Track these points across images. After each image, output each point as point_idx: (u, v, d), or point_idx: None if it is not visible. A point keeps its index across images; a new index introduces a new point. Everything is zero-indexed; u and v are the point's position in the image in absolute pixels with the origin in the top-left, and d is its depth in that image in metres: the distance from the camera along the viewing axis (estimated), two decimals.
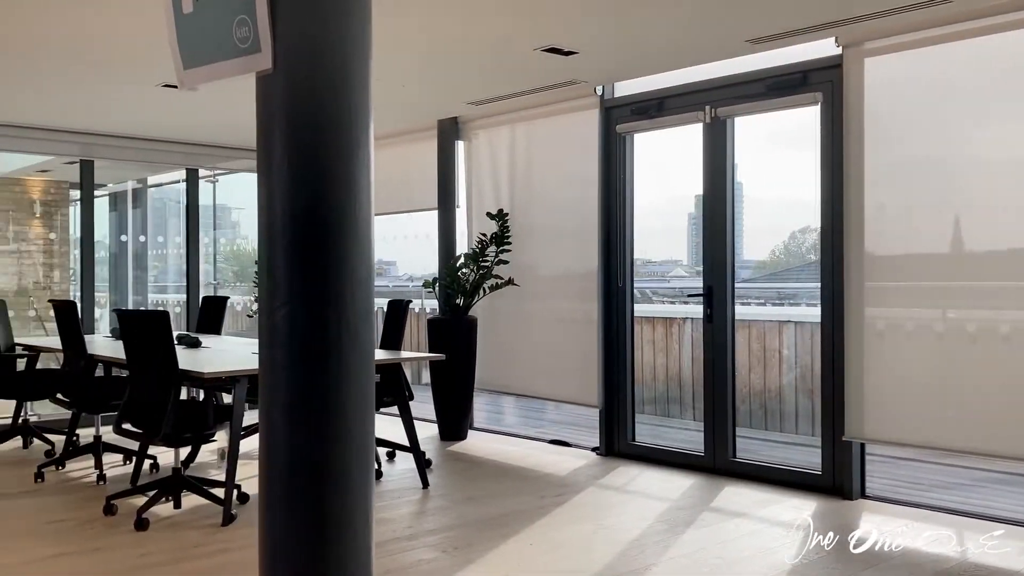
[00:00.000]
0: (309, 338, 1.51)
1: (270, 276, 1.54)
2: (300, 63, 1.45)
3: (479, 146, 7.04)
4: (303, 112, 1.49)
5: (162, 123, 7.03)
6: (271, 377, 1.55)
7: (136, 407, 4.58)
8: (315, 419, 1.51)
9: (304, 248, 1.50)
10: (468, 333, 6.71)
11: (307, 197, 1.50)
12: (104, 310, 11.19)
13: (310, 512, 1.49)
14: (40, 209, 10.68)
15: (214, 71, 1.55)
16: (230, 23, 1.44)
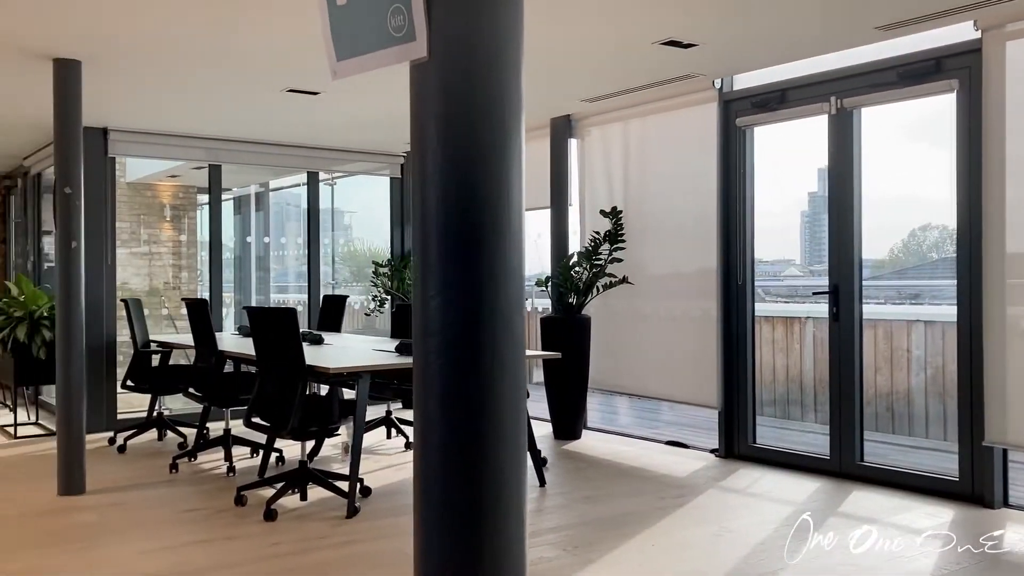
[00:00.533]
0: (462, 327, 1.51)
1: (423, 265, 1.55)
2: (455, 51, 1.45)
3: (592, 143, 7.00)
4: (457, 100, 1.49)
5: (285, 128, 7.26)
6: (425, 366, 1.56)
7: (265, 402, 4.73)
8: (469, 408, 1.51)
9: (457, 236, 1.51)
10: (581, 332, 6.67)
11: (461, 185, 1.51)
12: (230, 309, 11.66)
13: (464, 504, 1.49)
14: (170, 213, 11.23)
15: (367, 61, 1.58)
16: (384, 12, 1.46)
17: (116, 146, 7.16)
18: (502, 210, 1.51)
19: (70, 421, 5.03)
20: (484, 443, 1.51)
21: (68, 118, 5.06)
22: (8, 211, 10.17)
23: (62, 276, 5.03)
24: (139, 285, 10.57)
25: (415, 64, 1.49)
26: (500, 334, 1.52)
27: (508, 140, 1.53)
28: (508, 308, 1.53)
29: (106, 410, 7.08)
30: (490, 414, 1.52)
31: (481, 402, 1.52)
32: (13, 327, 6.75)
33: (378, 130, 7.48)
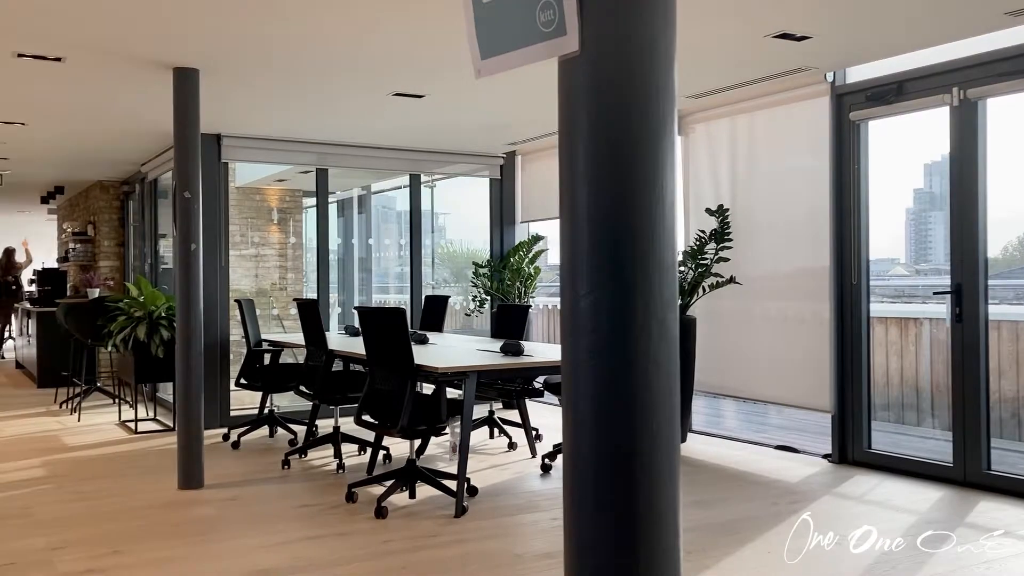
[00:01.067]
0: (615, 327, 1.48)
1: (572, 264, 1.52)
2: (607, 44, 1.42)
3: (697, 140, 6.87)
4: (609, 94, 1.46)
5: (389, 132, 7.37)
6: (575, 366, 1.54)
7: (375, 400, 4.80)
8: (622, 409, 1.47)
9: (609, 234, 1.47)
10: (686, 333, 6.55)
11: (613, 181, 1.47)
12: (334, 309, 11.93)
13: (618, 507, 1.46)
14: (276, 216, 11.56)
15: (514, 58, 1.56)
16: (533, 8, 1.44)
17: (229, 151, 7.40)
18: (656, 207, 1.47)
19: (189, 419, 5.21)
20: (638, 446, 1.47)
21: (187, 125, 5.25)
22: (126, 216, 10.65)
23: (181, 278, 5.22)
24: (247, 286, 10.91)
25: (564, 59, 1.46)
26: (654, 334, 1.48)
27: (662, 134, 1.48)
28: (662, 307, 1.49)
29: (220, 407, 7.33)
30: (645, 417, 1.48)
31: (635, 405, 1.48)
32: (134, 327, 7.05)
33: (478, 132, 7.53)
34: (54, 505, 4.84)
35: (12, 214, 14.82)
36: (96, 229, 10.78)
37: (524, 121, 7.11)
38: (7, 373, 11.86)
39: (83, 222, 11.24)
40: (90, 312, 7.88)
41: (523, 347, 5.11)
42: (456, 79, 5.56)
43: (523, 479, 5.47)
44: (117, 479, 5.51)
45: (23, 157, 8.68)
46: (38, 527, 4.41)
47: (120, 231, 10.80)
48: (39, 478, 5.55)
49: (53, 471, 5.73)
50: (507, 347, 5.16)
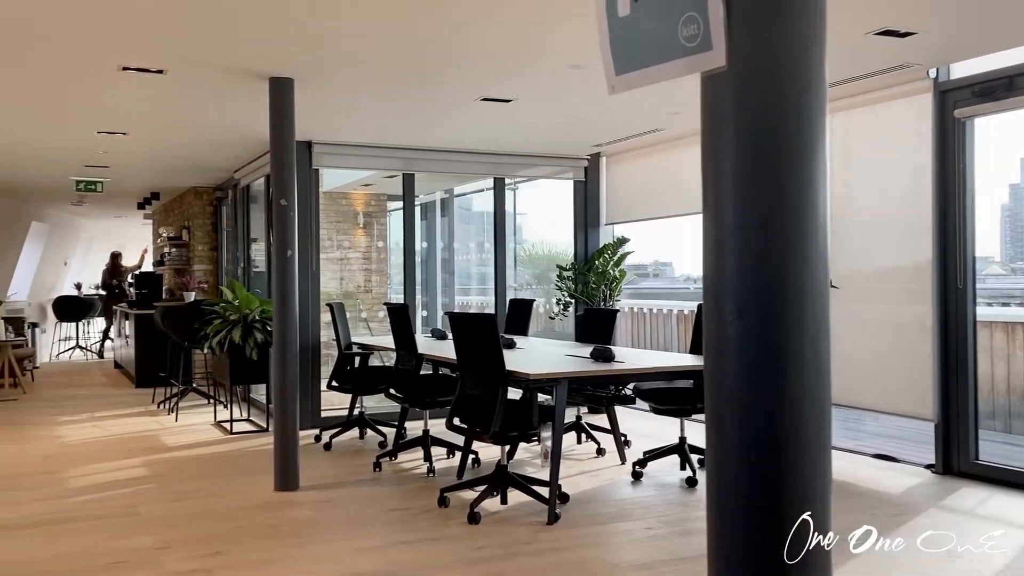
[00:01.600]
0: (764, 350, 1.43)
1: (717, 283, 1.48)
2: (755, 57, 1.37)
3: None
4: (758, 110, 1.41)
5: (474, 136, 7.40)
6: (720, 389, 1.49)
7: (466, 405, 4.81)
8: (769, 435, 1.43)
9: (759, 254, 1.43)
10: None
11: (763, 199, 1.43)
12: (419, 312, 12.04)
13: (765, 546, 1.41)
14: (362, 220, 11.74)
15: (652, 73, 1.52)
16: (675, 22, 1.40)
17: (320, 158, 7.54)
18: (808, 224, 1.42)
19: (285, 422, 5.31)
20: (785, 470, 1.42)
21: (282, 134, 5.36)
22: (219, 220, 10.95)
23: (278, 284, 5.32)
24: (334, 289, 11.11)
25: (708, 75, 1.42)
26: (807, 357, 1.43)
27: (814, 149, 1.43)
28: (814, 329, 1.44)
29: (311, 408, 7.46)
30: (795, 450, 1.43)
31: (785, 436, 1.43)
32: (229, 330, 7.24)
33: (564, 134, 7.49)
34: (157, 504, 5.00)
35: (109, 219, 15.42)
36: (190, 234, 11.12)
37: (611, 123, 7.05)
38: (106, 373, 12.34)
39: (178, 227, 11.62)
40: (187, 315, 8.12)
41: (613, 353, 5.06)
42: (545, 83, 5.54)
43: (614, 486, 5.41)
44: (215, 479, 5.66)
45: (123, 165, 9.01)
46: (143, 526, 4.56)
47: (213, 235, 11.11)
48: (142, 477, 5.74)
49: (155, 471, 5.92)
50: (597, 352, 5.11)
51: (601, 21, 1.53)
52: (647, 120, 6.95)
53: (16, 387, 10.28)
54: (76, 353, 15.24)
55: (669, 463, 5.70)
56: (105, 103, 6.00)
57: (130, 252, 18.47)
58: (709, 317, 1.50)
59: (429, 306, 12.05)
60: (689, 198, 7.83)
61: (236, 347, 7.22)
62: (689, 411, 5.44)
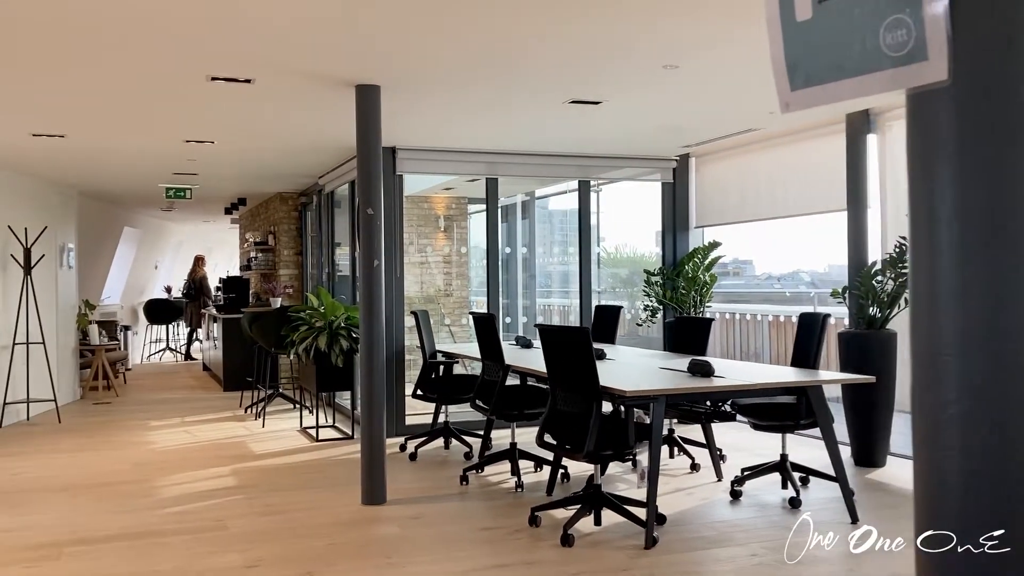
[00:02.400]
0: (985, 391, 1.22)
1: (929, 317, 1.28)
2: (979, 67, 1.15)
3: (896, 139, 6.32)
4: (979, 126, 1.20)
5: (559, 139, 7.22)
6: (934, 435, 1.28)
7: (557, 421, 4.63)
8: (996, 475, 1.22)
9: (982, 285, 1.22)
10: (885, 349, 6.03)
11: (984, 227, 1.22)
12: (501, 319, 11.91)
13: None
14: (443, 223, 11.67)
15: (843, 89, 1.31)
16: (876, 26, 1.19)
17: (403, 164, 7.45)
18: None
19: (372, 435, 5.22)
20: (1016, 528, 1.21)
21: (368, 142, 5.26)
22: (304, 226, 11.02)
23: (364, 294, 5.23)
24: (415, 293, 11.08)
25: (918, 91, 1.21)
26: None
27: None
28: None
29: (396, 416, 7.39)
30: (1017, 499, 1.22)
31: (1009, 482, 1.21)
32: (315, 337, 7.21)
33: (652, 136, 7.25)
34: (246, 519, 4.95)
35: (197, 223, 15.74)
36: (276, 239, 11.22)
37: (701, 124, 6.78)
38: (195, 375, 12.57)
39: (264, 232, 11.74)
40: (274, 321, 8.15)
41: (713, 367, 4.81)
42: (636, 85, 5.32)
43: (712, 506, 5.16)
44: (303, 491, 5.61)
45: (210, 172, 9.11)
46: (233, 542, 4.51)
47: (298, 241, 11.19)
48: (231, 488, 5.72)
49: (243, 480, 5.91)
50: (695, 367, 4.87)
51: (773, 26, 1.31)
52: (741, 120, 6.66)
53: (109, 390, 10.53)
54: (166, 355, 15.62)
55: (769, 481, 5.42)
56: (193, 112, 6.02)
57: (216, 255, 18.87)
58: (923, 354, 1.29)
59: (511, 309, 11.91)
60: (784, 200, 7.49)
61: (322, 354, 7.19)
62: (792, 427, 5.15)
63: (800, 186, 7.27)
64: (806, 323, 5.48)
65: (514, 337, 7.47)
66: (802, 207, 7.30)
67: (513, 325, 11.54)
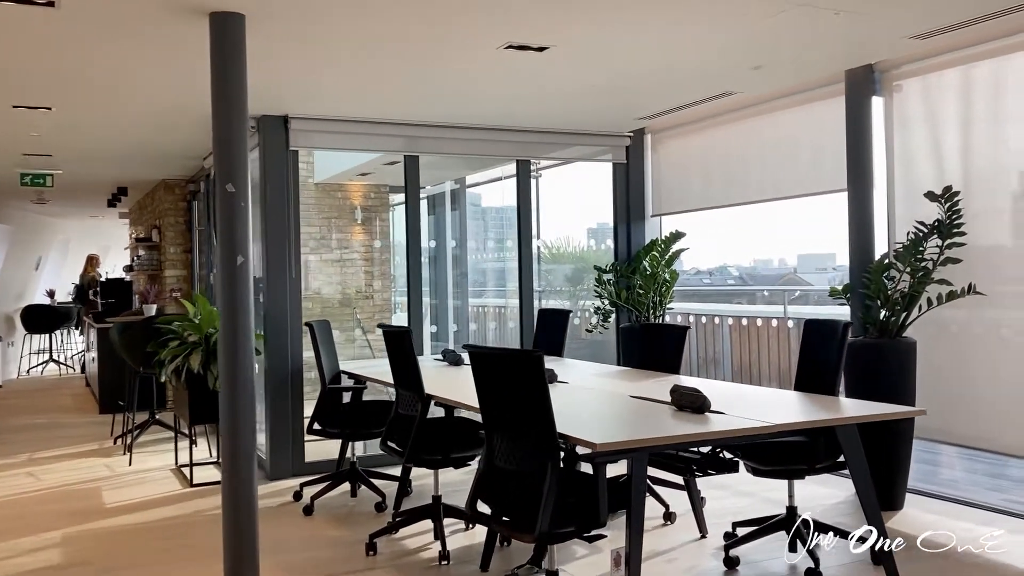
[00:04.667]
0: None
1: None
2: None
3: (908, 101, 5.12)
4: None
5: (494, 108, 5.85)
6: None
7: (495, 482, 3.26)
8: None
9: None
10: (903, 362, 4.82)
11: None
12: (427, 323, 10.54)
13: None
14: (361, 215, 10.21)
15: None
16: None
17: (298, 136, 5.98)
18: None
19: (237, 495, 3.76)
20: None
21: (228, 92, 3.80)
22: (193, 219, 9.43)
23: (225, 301, 3.77)
24: (331, 294, 9.63)
25: None
26: None
27: None
28: None
29: (293, 453, 5.94)
30: None
31: None
32: (187, 355, 5.70)
33: (603, 103, 5.92)
34: None
35: (83, 218, 13.91)
36: (161, 234, 9.60)
37: (659, 86, 5.46)
38: (76, 393, 10.83)
39: (148, 226, 10.09)
40: (141, 334, 6.60)
41: (707, 398, 3.48)
42: (588, 27, 3.99)
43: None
44: (152, 569, 4.13)
45: (69, 153, 7.50)
46: None
47: (187, 236, 9.59)
48: (52, 568, 4.20)
49: (75, 553, 4.40)
50: (683, 398, 3.55)
51: None
52: (715, 80, 5.37)
53: None
54: (51, 367, 13.77)
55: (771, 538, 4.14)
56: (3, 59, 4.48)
57: (114, 255, 17.00)
58: None
59: (439, 312, 10.54)
60: (758, 183, 6.26)
61: (195, 376, 5.69)
62: (804, 472, 3.88)
63: (784, 164, 6.03)
64: (818, 333, 4.20)
65: (441, 351, 6.07)
66: (788, 188, 6.06)
67: (442, 332, 10.14)
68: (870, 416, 3.52)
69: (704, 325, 8.16)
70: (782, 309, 8.69)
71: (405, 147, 6.39)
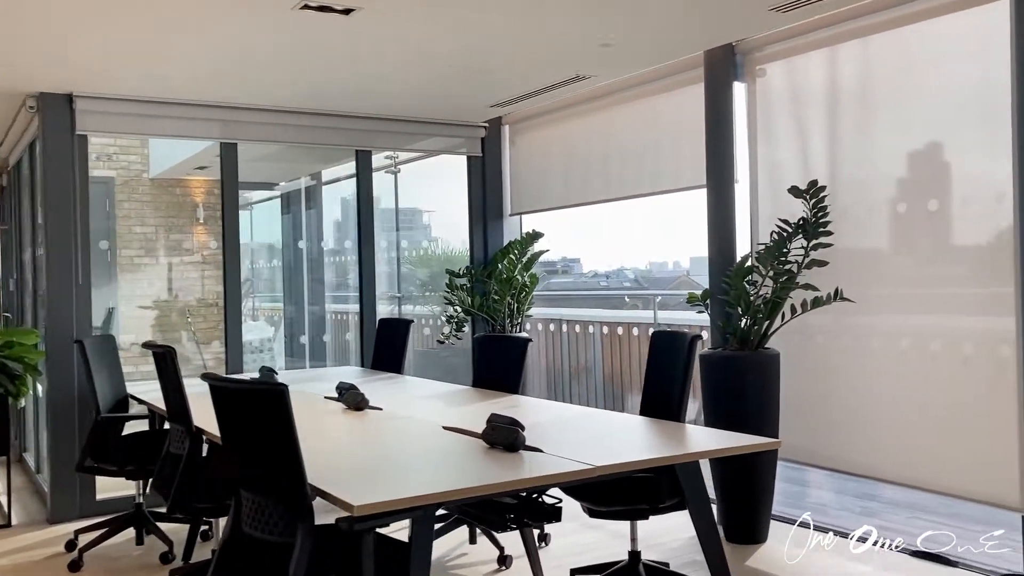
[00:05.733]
0: None
1: None
2: None
3: (772, 86, 4.62)
4: None
5: (322, 88, 5.11)
6: None
7: (242, 550, 2.53)
8: None
9: None
10: (765, 376, 4.31)
11: None
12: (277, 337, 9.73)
13: None
14: (204, 214, 9.29)
15: None
16: None
17: (86, 119, 5.10)
18: None
19: None
20: None
21: None
22: None
23: None
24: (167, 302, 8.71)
25: None
26: None
27: None
28: None
29: (81, 490, 5.04)
30: None
31: None
32: None
33: (446, 87, 5.25)
34: None
35: None
36: None
37: (513, 65, 4.84)
38: None
39: None
40: None
41: (522, 430, 2.83)
42: None
43: None
44: None
45: None
46: None
47: None
48: None
49: None
50: (496, 433, 2.89)
51: None
52: (565, 61, 4.77)
53: None
54: None
55: None
56: None
57: None
58: None
59: (295, 319, 9.70)
60: (618, 179, 5.70)
61: None
62: (645, 513, 3.29)
63: (644, 158, 5.49)
64: (665, 347, 3.62)
65: (260, 368, 5.27)
66: (649, 185, 5.52)
67: (295, 344, 9.28)
68: (715, 451, 2.93)
69: (578, 332, 7.60)
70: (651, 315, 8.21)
71: (221, 133, 5.56)
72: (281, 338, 9.86)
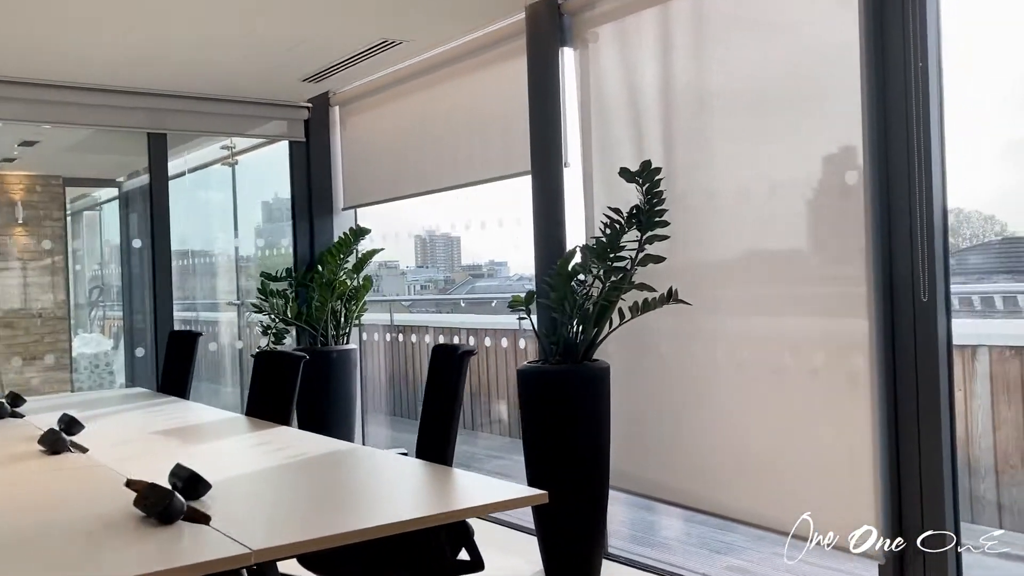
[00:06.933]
0: None
1: None
2: None
3: (603, 52, 3.92)
4: None
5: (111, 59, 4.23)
6: None
7: None
8: None
9: None
10: (595, 393, 3.59)
11: None
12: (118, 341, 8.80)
13: None
14: (24, 213, 8.26)
15: None
16: None
17: None
18: None
19: None
20: None
21: None
22: None
23: None
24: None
25: None
26: None
27: None
28: None
29: None
30: None
31: None
32: None
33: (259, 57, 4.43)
34: None
35: None
36: None
37: (304, 23, 4.04)
38: None
39: None
40: None
41: (180, 503, 2.02)
42: None
43: None
44: None
45: None
46: None
47: None
48: None
49: None
50: (152, 499, 2.07)
51: None
52: (366, 20, 3.99)
53: None
54: None
55: None
56: None
57: None
58: None
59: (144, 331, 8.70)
60: (451, 165, 4.96)
61: None
62: None
63: (473, 141, 4.75)
64: (440, 366, 2.86)
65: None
66: (479, 172, 4.78)
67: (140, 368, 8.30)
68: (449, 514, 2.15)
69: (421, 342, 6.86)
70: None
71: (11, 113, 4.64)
72: (121, 352, 8.88)
